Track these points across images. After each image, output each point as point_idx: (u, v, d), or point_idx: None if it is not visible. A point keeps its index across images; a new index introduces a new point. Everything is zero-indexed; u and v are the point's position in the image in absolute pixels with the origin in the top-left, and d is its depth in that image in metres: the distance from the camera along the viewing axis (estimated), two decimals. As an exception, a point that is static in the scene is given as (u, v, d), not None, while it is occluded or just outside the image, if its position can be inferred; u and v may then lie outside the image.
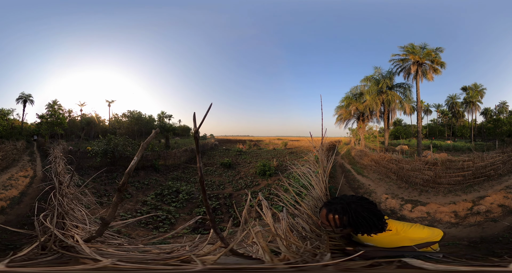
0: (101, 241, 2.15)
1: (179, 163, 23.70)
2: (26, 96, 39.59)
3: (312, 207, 2.37)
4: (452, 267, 1.21)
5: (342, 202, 1.67)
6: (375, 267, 1.26)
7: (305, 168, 4.11)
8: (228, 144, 47.54)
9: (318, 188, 2.82)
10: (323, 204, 1.79)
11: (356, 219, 1.60)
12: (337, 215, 1.63)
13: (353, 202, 1.66)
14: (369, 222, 1.61)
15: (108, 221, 1.88)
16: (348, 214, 1.61)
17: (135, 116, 41.21)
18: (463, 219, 8.27)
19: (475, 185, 10.98)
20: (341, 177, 15.48)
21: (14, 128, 34.46)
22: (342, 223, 1.63)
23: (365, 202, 1.69)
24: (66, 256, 1.75)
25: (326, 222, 1.68)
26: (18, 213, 8.36)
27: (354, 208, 1.62)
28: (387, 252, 1.65)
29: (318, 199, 2.55)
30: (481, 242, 6.35)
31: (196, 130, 1.09)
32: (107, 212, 1.96)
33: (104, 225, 1.93)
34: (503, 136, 34.67)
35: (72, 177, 5.11)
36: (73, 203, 3.52)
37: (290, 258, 1.39)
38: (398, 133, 45.17)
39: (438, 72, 23.85)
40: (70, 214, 2.97)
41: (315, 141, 5.58)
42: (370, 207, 1.66)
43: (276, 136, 71.95)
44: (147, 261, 1.49)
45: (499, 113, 45.56)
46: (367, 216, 1.61)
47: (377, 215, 1.65)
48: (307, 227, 1.99)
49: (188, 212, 11.88)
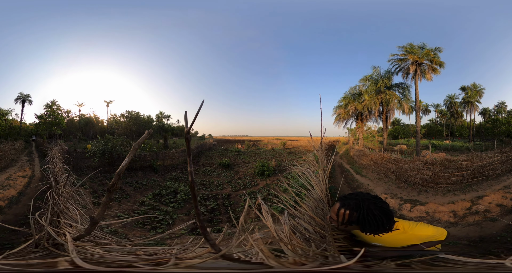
0: (90, 240, 2.14)
1: (177, 164, 23.62)
2: (25, 97, 39.54)
3: (313, 208, 2.34)
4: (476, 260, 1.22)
5: (357, 198, 1.67)
6: (402, 267, 1.25)
7: (305, 168, 4.09)
8: (226, 144, 47.49)
9: (318, 189, 2.79)
10: (337, 198, 1.79)
11: (367, 216, 1.60)
12: (348, 211, 1.63)
13: (367, 199, 1.66)
14: (378, 221, 1.60)
15: (97, 220, 1.89)
16: (360, 210, 1.61)
17: (134, 117, 41.11)
18: (462, 219, 8.29)
19: (474, 184, 11.00)
20: (340, 176, 15.47)
21: (12, 128, 34.37)
22: (351, 219, 1.63)
23: (378, 201, 1.68)
24: (54, 254, 1.74)
25: (335, 217, 1.68)
26: (16, 212, 8.36)
27: (367, 205, 1.62)
28: (399, 251, 1.66)
29: (319, 200, 2.51)
30: (480, 242, 6.36)
31: (187, 130, 1.04)
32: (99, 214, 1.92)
33: (93, 224, 1.94)
34: (501, 136, 34.74)
35: (68, 177, 5.10)
36: (69, 202, 3.52)
37: (303, 261, 1.33)
38: (396, 133, 45.26)
39: (437, 72, 23.88)
40: (65, 213, 2.98)
41: (314, 141, 5.56)
42: (383, 206, 1.65)
43: (275, 136, 71.86)
44: (117, 261, 1.44)
45: (497, 113, 45.74)
46: (378, 214, 1.60)
47: (388, 215, 1.64)
48: (310, 229, 1.96)
49: (186, 213, 11.82)
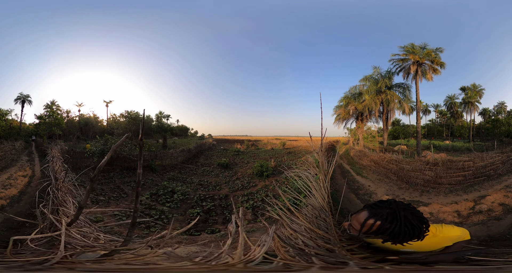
0: (78, 227, 2.50)
1: (176, 163, 23.54)
2: (25, 97, 39.40)
3: (312, 218, 2.13)
4: None
5: (392, 207, 1.48)
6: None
7: (303, 170, 3.93)
8: (226, 144, 47.41)
9: (319, 196, 2.56)
10: (364, 206, 1.60)
11: (405, 227, 1.43)
12: (380, 221, 1.45)
13: (403, 208, 1.48)
14: (415, 231, 1.44)
15: (82, 205, 2.25)
16: (396, 221, 1.43)
17: (133, 116, 40.95)
18: (466, 218, 8.30)
19: (475, 184, 11.04)
20: (340, 178, 15.33)
21: (12, 128, 34.26)
22: (380, 230, 1.46)
23: (414, 210, 1.52)
24: (54, 238, 2.16)
25: (358, 226, 1.51)
26: (17, 211, 8.50)
27: (405, 216, 1.45)
28: (448, 254, 1.57)
29: (321, 209, 2.29)
30: (490, 241, 6.40)
31: (140, 137, 0.99)
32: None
33: (80, 209, 2.30)
34: (501, 136, 34.68)
35: (66, 174, 5.39)
36: (66, 196, 3.94)
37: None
38: (396, 133, 45.10)
39: (437, 72, 23.76)
40: (63, 205, 3.38)
41: (314, 141, 5.43)
42: (420, 215, 1.50)
43: (274, 136, 71.73)
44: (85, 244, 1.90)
45: (497, 113, 45.64)
46: (416, 225, 1.44)
47: (426, 223, 1.49)
48: (311, 243, 1.76)
49: (182, 213, 11.75)
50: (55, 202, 3.37)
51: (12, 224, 6.54)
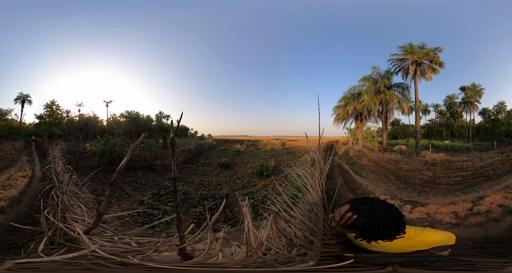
0: (96, 234, 2.32)
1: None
2: (24, 97, 39.37)
3: (306, 212, 2.27)
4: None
5: (372, 204, 1.53)
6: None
7: (302, 169, 4.02)
8: (226, 144, 47.48)
9: (313, 192, 2.68)
10: (349, 200, 1.65)
11: (375, 225, 1.47)
12: (356, 216, 1.50)
13: (382, 207, 1.52)
14: (384, 231, 1.47)
15: (102, 212, 2.12)
16: (369, 218, 1.48)
17: (133, 116, 40.95)
18: (463, 220, 8.20)
19: (474, 185, 10.91)
20: (339, 177, 15.41)
21: (12, 128, 34.24)
22: (354, 224, 1.51)
23: (394, 210, 1.54)
24: (73, 249, 1.96)
25: (338, 218, 1.57)
26: (17, 212, 8.36)
27: (380, 214, 1.48)
28: (406, 257, 1.58)
29: (314, 204, 2.42)
30: (486, 243, 6.30)
31: (172, 136, 1.06)
32: (103, 206, 2.18)
33: (99, 216, 2.17)
34: (501, 136, 34.67)
35: (71, 176, 5.25)
36: (73, 200, 3.74)
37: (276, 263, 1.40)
38: (396, 133, 45.14)
39: (436, 72, 23.79)
40: (70, 210, 3.19)
41: (312, 141, 5.51)
42: (398, 217, 1.52)
43: (274, 136, 71.89)
44: (121, 252, 1.74)
45: (497, 113, 45.60)
46: (389, 225, 1.47)
47: (401, 226, 1.51)
48: (300, 234, 1.88)
49: (184, 212, 11.82)
50: (60, 207, 3.09)
51: (12, 226, 6.54)
